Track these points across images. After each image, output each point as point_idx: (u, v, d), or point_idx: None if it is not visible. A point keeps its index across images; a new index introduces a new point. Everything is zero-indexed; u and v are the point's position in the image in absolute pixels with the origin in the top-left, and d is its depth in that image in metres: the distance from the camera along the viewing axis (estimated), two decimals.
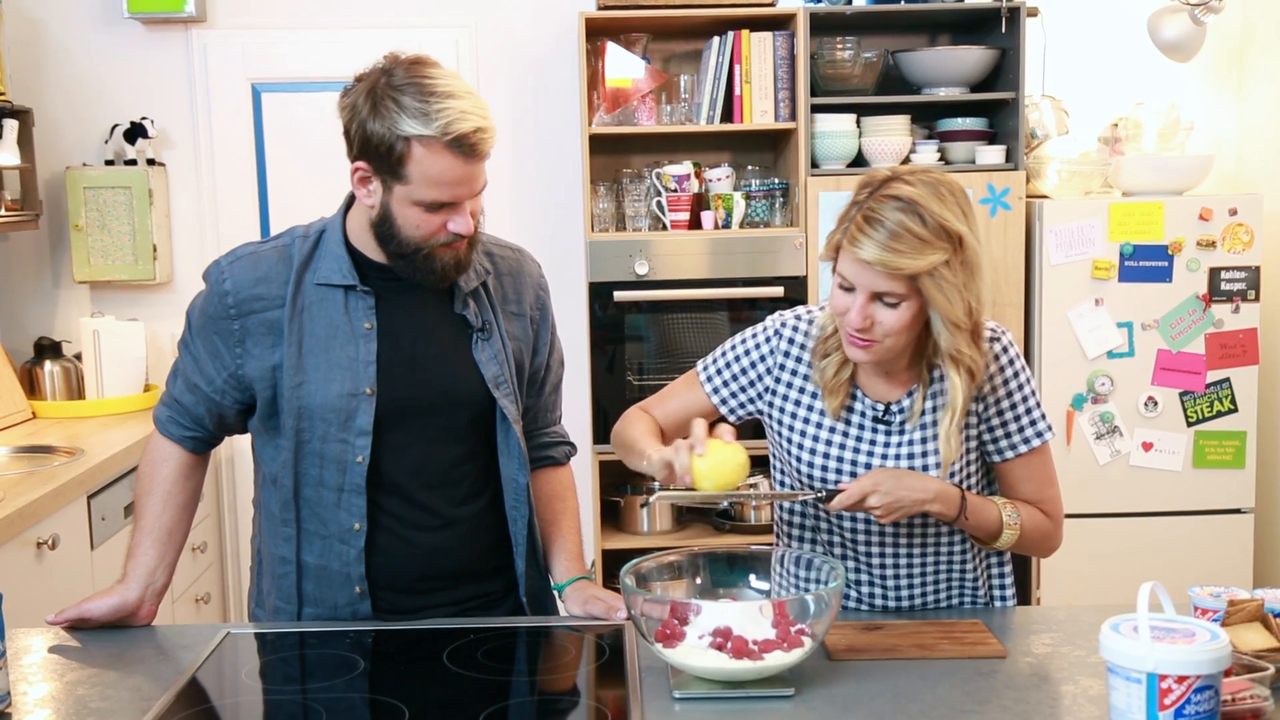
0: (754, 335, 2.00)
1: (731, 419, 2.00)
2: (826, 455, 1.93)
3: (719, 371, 2.02)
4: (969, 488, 1.93)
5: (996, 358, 1.89)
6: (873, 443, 1.91)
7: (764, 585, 1.83)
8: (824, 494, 1.84)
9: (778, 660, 1.60)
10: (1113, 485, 3.74)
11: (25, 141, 3.77)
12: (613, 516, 3.96)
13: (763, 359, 1.98)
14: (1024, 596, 3.72)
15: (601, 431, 3.83)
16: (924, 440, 1.89)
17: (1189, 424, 3.72)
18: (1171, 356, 3.71)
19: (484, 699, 1.65)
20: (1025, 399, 1.91)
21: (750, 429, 2.06)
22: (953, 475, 1.90)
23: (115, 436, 3.50)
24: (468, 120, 1.75)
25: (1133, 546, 3.73)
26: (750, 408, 2.00)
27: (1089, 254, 3.69)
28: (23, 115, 3.77)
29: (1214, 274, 3.68)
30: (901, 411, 1.90)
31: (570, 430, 2.23)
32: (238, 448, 4.06)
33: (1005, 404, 1.90)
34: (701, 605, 1.65)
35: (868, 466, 1.90)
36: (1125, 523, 3.75)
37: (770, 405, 1.98)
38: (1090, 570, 3.70)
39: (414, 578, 1.94)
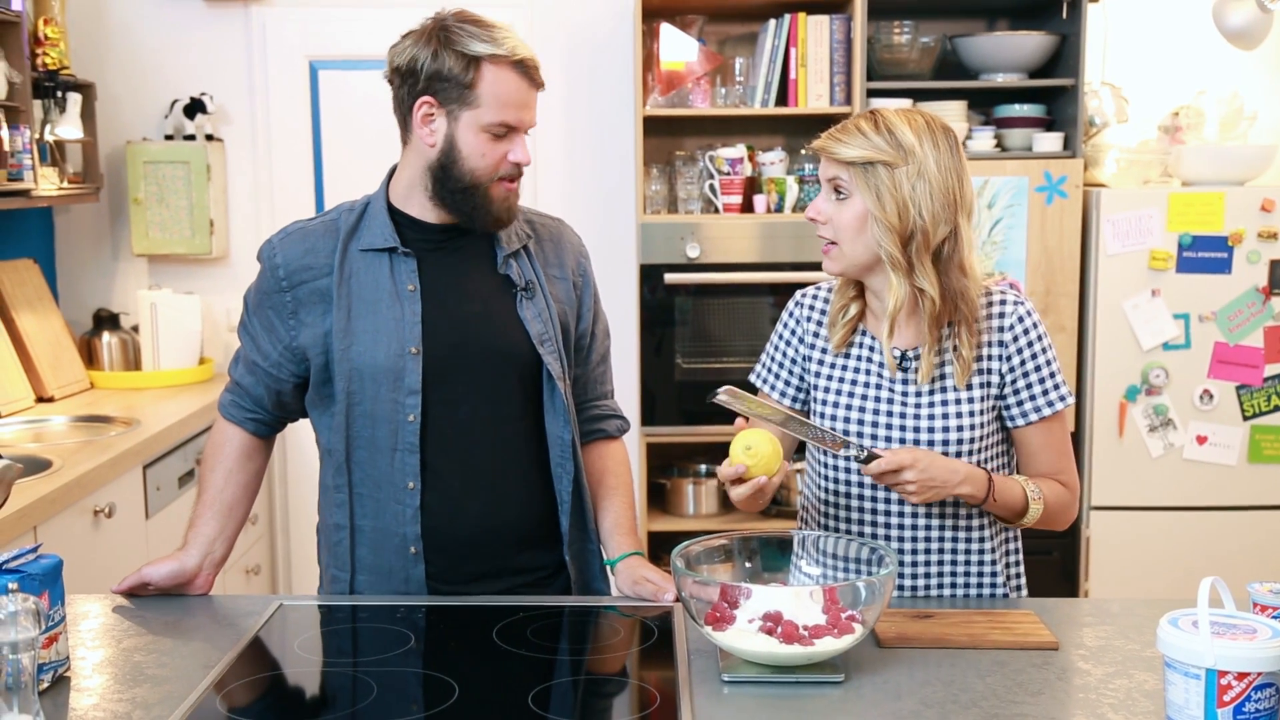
0: (781, 321, 2.09)
1: (797, 407, 2.06)
2: (850, 407, 1.96)
3: (767, 368, 2.09)
4: (992, 459, 1.96)
5: (1021, 320, 1.94)
6: (891, 391, 1.95)
7: (815, 570, 1.83)
8: (865, 455, 1.85)
9: (828, 646, 1.60)
10: (1165, 478, 3.69)
11: (88, 115, 3.83)
12: (659, 499, 3.97)
13: (793, 333, 2.06)
14: (1072, 589, 3.73)
15: (649, 413, 3.84)
16: (941, 390, 1.93)
17: (1245, 418, 3.66)
18: (1229, 349, 3.65)
19: (532, 677, 1.66)
20: (1049, 362, 1.97)
21: None
22: (973, 447, 1.92)
23: (170, 408, 3.55)
24: (525, 48, 1.91)
25: (1185, 541, 3.69)
26: (802, 385, 2.06)
27: (1146, 244, 3.64)
28: (85, 89, 3.82)
29: (1275, 266, 3.62)
30: (917, 358, 1.95)
31: None
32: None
33: (1030, 365, 1.95)
34: (752, 589, 1.65)
35: (890, 415, 1.94)
36: (1177, 516, 3.70)
37: (815, 375, 2.03)
38: (1141, 564, 3.67)
39: (464, 541, 1.96)
